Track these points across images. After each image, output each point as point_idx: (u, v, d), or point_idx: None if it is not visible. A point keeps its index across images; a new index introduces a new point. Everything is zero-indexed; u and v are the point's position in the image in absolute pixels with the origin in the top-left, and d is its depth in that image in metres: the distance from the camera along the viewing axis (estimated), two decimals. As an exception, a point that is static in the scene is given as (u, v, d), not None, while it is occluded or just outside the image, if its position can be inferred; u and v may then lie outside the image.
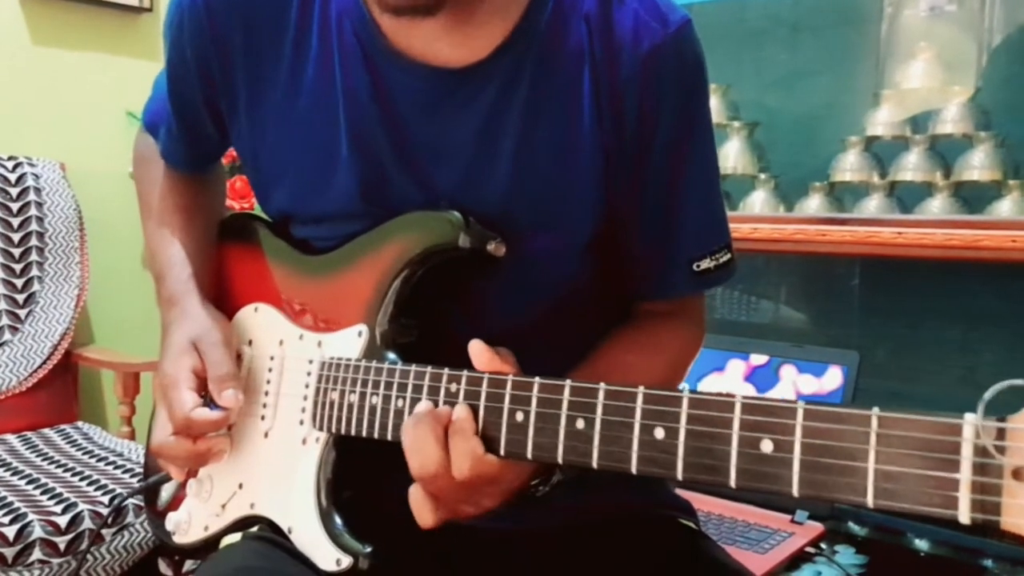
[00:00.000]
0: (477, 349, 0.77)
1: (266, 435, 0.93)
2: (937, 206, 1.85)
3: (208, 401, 0.91)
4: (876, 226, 1.82)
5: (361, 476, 0.89)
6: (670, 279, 0.95)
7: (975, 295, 1.96)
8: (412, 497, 0.78)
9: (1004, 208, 1.79)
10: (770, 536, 1.64)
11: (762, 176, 2.11)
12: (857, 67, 2.17)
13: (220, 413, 0.90)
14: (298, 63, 0.91)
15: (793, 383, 1.83)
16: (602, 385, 0.67)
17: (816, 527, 1.69)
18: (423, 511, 0.77)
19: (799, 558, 1.59)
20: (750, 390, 1.86)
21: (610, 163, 0.88)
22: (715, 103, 2.12)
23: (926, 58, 1.94)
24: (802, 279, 2.27)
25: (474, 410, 0.74)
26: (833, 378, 1.77)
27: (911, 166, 1.91)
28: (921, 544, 1.67)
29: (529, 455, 0.71)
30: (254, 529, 0.97)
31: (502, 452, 0.73)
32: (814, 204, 2.02)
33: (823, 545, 1.64)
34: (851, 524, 1.74)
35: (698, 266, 0.93)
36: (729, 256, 0.95)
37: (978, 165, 1.83)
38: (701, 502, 1.74)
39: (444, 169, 0.88)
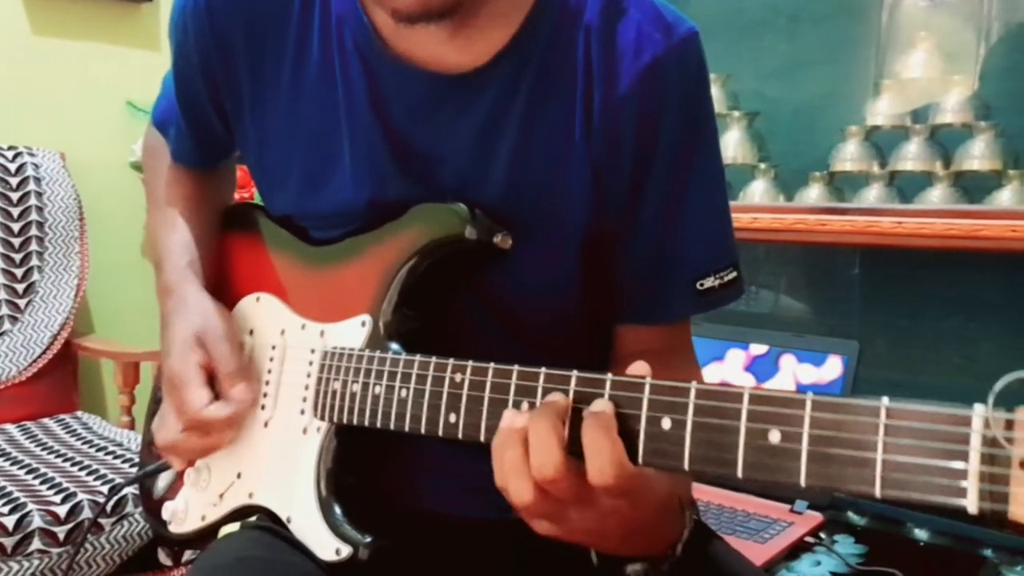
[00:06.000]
0: None
1: (266, 425, 0.93)
2: (937, 196, 1.86)
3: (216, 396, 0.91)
4: (876, 216, 1.82)
5: (360, 466, 0.89)
6: (668, 297, 0.91)
7: (975, 285, 1.96)
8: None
9: (1004, 198, 1.79)
10: (770, 526, 1.64)
11: (762, 166, 2.11)
12: (857, 57, 2.16)
13: (231, 409, 0.90)
14: (300, 66, 0.91)
15: (793, 373, 1.83)
16: (609, 376, 0.66)
17: (816, 517, 1.69)
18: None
19: (799, 548, 1.60)
20: (750, 380, 1.86)
21: (601, 179, 0.87)
22: (715, 93, 2.10)
23: (926, 48, 1.94)
24: (802, 269, 2.27)
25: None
26: (833, 368, 1.77)
27: (911, 156, 1.91)
28: (921, 534, 1.67)
29: None
30: (252, 519, 0.97)
31: None
32: (814, 194, 2.02)
33: (823, 535, 1.65)
34: (851, 514, 1.74)
35: (701, 284, 0.89)
36: (735, 275, 0.91)
37: (978, 155, 1.83)
38: (700, 492, 1.74)
39: (441, 174, 0.88)
